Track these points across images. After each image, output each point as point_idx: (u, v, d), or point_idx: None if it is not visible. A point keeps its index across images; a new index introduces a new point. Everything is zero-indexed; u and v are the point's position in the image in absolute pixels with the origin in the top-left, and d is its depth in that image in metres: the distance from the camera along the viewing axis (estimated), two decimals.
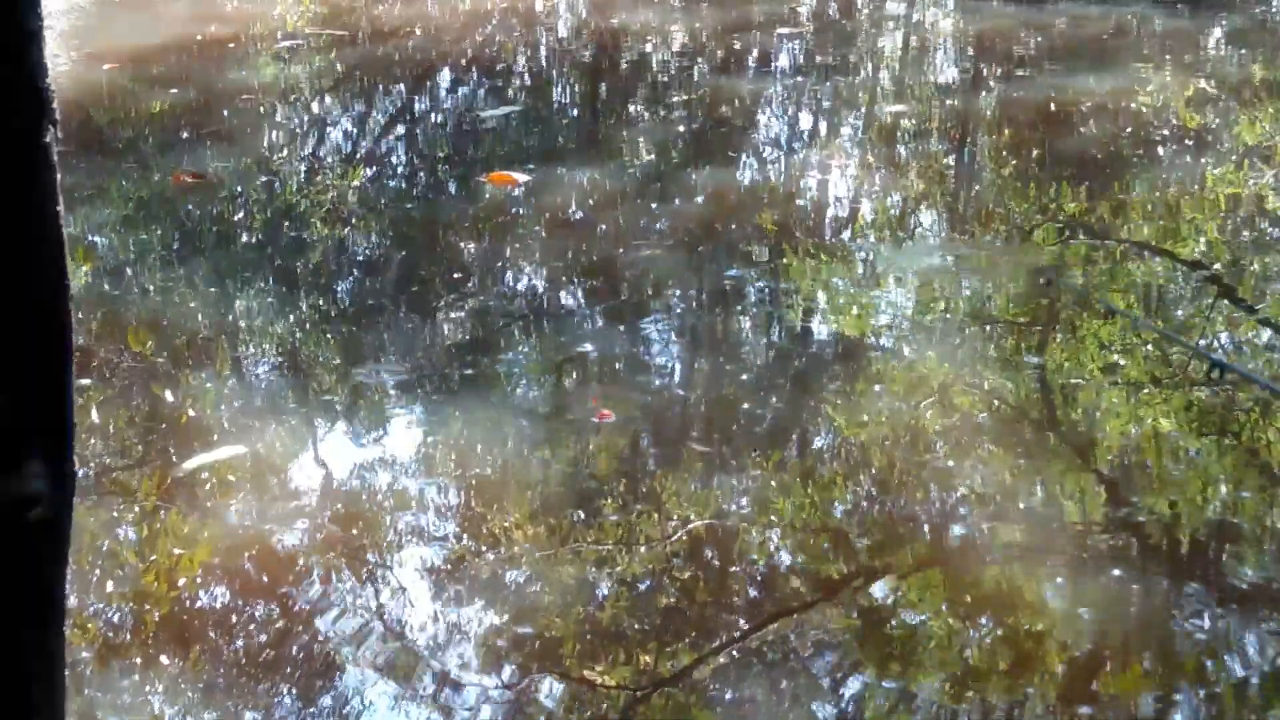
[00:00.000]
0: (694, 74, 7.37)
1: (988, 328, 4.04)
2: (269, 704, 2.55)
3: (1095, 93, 6.47)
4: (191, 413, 3.59)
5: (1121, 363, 3.77)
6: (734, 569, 2.93)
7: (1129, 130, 5.87)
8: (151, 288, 4.37)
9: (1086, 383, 3.66)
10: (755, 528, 3.04)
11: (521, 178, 5.32)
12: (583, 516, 3.09)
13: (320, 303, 4.35)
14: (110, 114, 6.35)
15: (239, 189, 5.32)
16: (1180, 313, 4.13)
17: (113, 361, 3.83)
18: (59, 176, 1.32)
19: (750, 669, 2.60)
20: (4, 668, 1.36)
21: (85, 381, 3.66)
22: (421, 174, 5.86)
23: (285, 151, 6.00)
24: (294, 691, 2.58)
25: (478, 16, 8.61)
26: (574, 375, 3.83)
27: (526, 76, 7.49)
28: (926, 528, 3.07)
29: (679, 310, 4.25)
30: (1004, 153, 5.87)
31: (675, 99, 6.81)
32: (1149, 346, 3.87)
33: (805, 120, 6.65)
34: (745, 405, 3.60)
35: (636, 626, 2.73)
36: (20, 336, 1.31)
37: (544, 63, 7.83)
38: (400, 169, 6.03)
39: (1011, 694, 2.55)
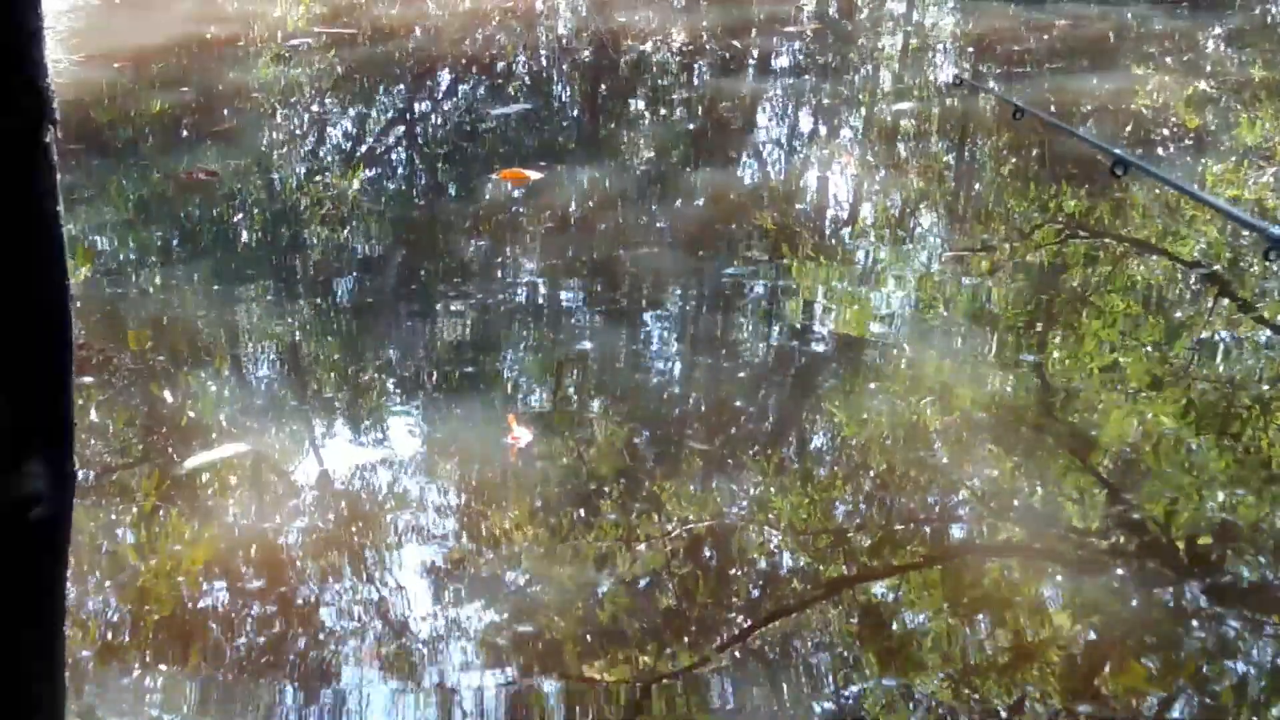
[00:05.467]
0: (697, 73, 7.37)
1: (987, 327, 4.04)
2: (269, 704, 2.55)
3: (1095, 93, 6.48)
4: (201, 411, 3.59)
5: (1122, 361, 3.77)
6: (734, 569, 2.93)
7: (1129, 130, 5.87)
8: (170, 287, 4.38)
9: (1086, 382, 3.66)
10: (754, 527, 3.05)
11: (533, 174, 5.35)
12: (583, 515, 3.10)
13: (334, 300, 4.35)
14: (111, 113, 6.35)
15: (246, 187, 5.32)
16: (1179, 313, 4.13)
17: (113, 361, 3.83)
18: (59, 176, 1.33)
19: (750, 669, 2.61)
20: (4, 668, 1.36)
21: (87, 379, 3.67)
22: (434, 171, 5.87)
23: (294, 150, 6.01)
24: (294, 691, 2.58)
25: (478, 16, 8.61)
26: (573, 370, 3.83)
27: (532, 75, 7.50)
28: (926, 527, 3.07)
29: (690, 305, 4.26)
30: (1003, 152, 5.87)
31: (681, 97, 6.82)
32: (1149, 347, 3.87)
33: (811, 120, 6.66)
34: (752, 404, 3.60)
35: (636, 626, 2.73)
36: (20, 336, 1.32)
37: (550, 62, 7.83)
38: (413, 166, 6.04)
39: (1011, 693, 2.55)
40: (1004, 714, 2.51)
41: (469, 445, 3.41)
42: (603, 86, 7.32)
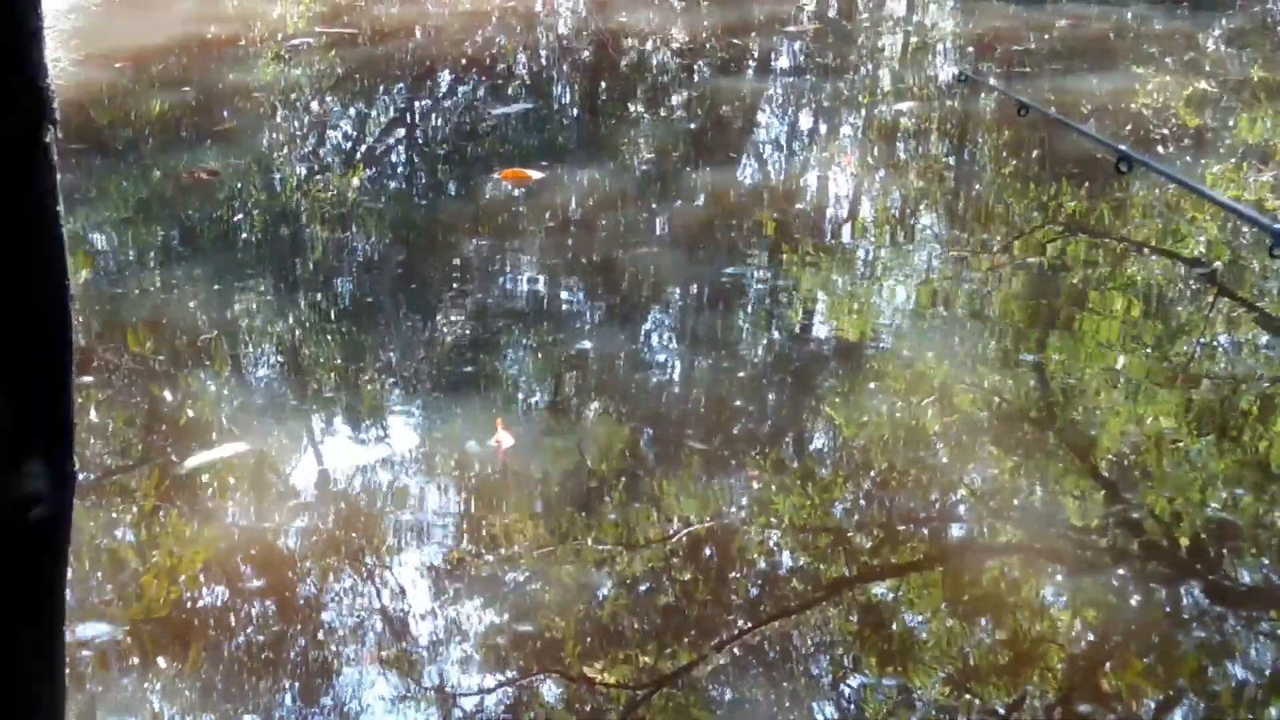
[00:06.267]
0: (697, 73, 7.38)
1: (988, 327, 4.04)
2: (269, 704, 2.55)
3: (1095, 92, 6.47)
4: (201, 411, 3.59)
5: (1122, 360, 3.77)
6: (734, 569, 2.93)
7: (1129, 130, 5.87)
8: (170, 287, 4.38)
9: (1085, 382, 3.66)
10: (754, 528, 3.05)
11: (535, 174, 5.35)
12: (583, 514, 3.09)
13: (335, 300, 4.35)
14: (111, 113, 6.35)
15: (247, 187, 5.32)
16: (1179, 312, 4.13)
17: (114, 361, 3.83)
18: (59, 176, 1.32)
19: (750, 669, 2.61)
20: (4, 668, 1.36)
21: (87, 379, 3.67)
22: (435, 171, 5.87)
23: (294, 150, 6.01)
24: (294, 692, 2.58)
25: (478, 16, 8.61)
26: (574, 369, 3.84)
27: (533, 75, 7.50)
28: (926, 527, 3.07)
29: (691, 305, 4.26)
30: (1003, 152, 5.87)
31: (681, 97, 6.82)
32: (1149, 349, 3.87)
33: (811, 119, 6.66)
34: (752, 404, 3.61)
35: (636, 626, 2.73)
36: (20, 336, 1.31)
37: (550, 62, 7.83)
38: (413, 166, 6.04)
39: (1011, 692, 2.55)
40: (1004, 714, 2.51)
41: (470, 445, 3.40)
42: (603, 86, 7.32)
